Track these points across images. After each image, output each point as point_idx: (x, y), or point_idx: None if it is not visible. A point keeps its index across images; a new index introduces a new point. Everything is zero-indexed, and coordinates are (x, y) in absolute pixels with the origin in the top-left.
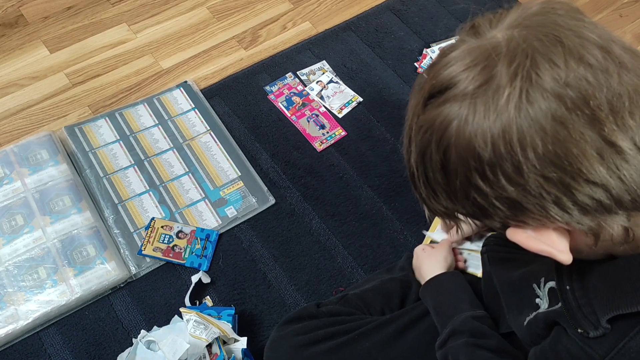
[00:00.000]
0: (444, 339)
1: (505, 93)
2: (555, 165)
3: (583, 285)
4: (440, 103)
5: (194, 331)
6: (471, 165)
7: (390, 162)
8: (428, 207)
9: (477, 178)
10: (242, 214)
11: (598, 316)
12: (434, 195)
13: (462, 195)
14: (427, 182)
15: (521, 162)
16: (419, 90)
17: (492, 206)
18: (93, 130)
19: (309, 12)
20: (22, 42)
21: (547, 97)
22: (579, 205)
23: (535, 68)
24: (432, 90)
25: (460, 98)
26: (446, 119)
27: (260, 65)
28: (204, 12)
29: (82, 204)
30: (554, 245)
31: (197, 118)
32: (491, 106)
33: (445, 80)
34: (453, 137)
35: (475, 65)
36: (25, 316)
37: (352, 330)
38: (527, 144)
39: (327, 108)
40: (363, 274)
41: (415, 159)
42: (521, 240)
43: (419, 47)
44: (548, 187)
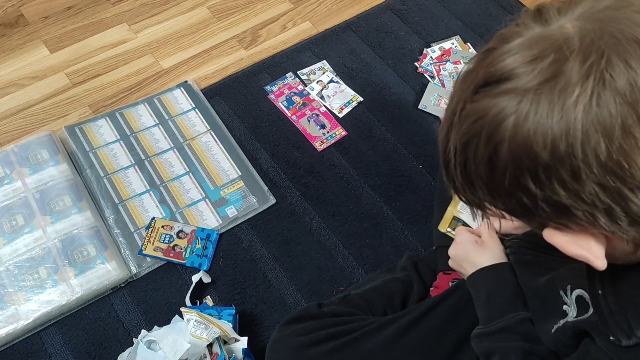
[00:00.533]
0: (492, 331)
1: (575, 93)
2: (615, 174)
3: (615, 291)
4: (497, 94)
5: (195, 331)
6: (524, 165)
7: (391, 161)
8: (459, 195)
9: (528, 179)
10: (242, 214)
11: (631, 324)
12: (470, 187)
13: (506, 193)
14: (465, 172)
15: (580, 167)
16: (471, 74)
17: (537, 207)
18: (93, 130)
19: (309, 12)
20: (22, 42)
21: (619, 102)
22: (631, 217)
23: (610, 69)
24: (488, 78)
25: (521, 92)
26: (502, 112)
27: (260, 65)
28: (204, 11)
29: (83, 203)
30: (592, 250)
31: (197, 118)
32: (557, 105)
33: (504, 70)
34: (508, 132)
35: (542, 59)
36: (25, 316)
37: (354, 331)
38: (591, 149)
39: (328, 108)
40: (364, 273)
41: (455, 145)
42: (559, 243)
43: (419, 47)
44: (603, 196)
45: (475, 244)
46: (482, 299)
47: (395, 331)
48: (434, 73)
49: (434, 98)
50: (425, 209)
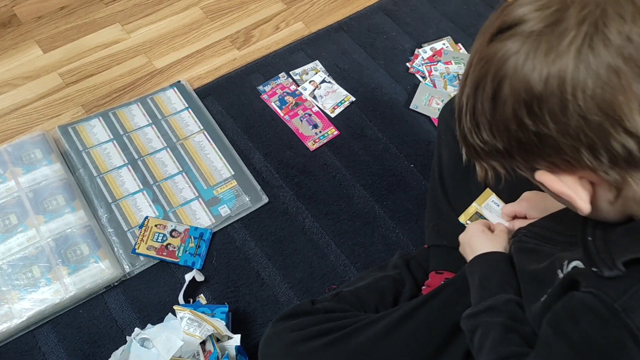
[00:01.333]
0: (479, 310)
1: (569, 35)
2: (599, 109)
3: (604, 238)
4: (506, 37)
5: (188, 329)
6: (521, 98)
7: (383, 161)
8: (467, 144)
9: (524, 110)
10: (235, 213)
11: (614, 259)
12: (476, 128)
13: (503, 127)
14: (473, 114)
15: (569, 100)
16: (488, 27)
17: (529, 142)
18: (87, 129)
19: (302, 13)
20: (15, 42)
21: (608, 45)
22: (611, 153)
23: (604, 18)
24: (502, 26)
25: (526, 34)
26: (508, 52)
27: (253, 65)
28: (198, 12)
29: (76, 203)
30: (577, 192)
31: (190, 118)
32: (554, 46)
33: (515, 17)
34: (511, 69)
35: (548, 7)
36: (19, 315)
37: (346, 327)
38: (579, 84)
39: (320, 107)
40: (356, 271)
41: (468, 92)
42: (547, 181)
43: (410, 47)
44: (587, 129)
45: (482, 233)
46: (475, 283)
47: (387, 326)
48: (425, 73)
49: (426, 98)
50: (416, 207)
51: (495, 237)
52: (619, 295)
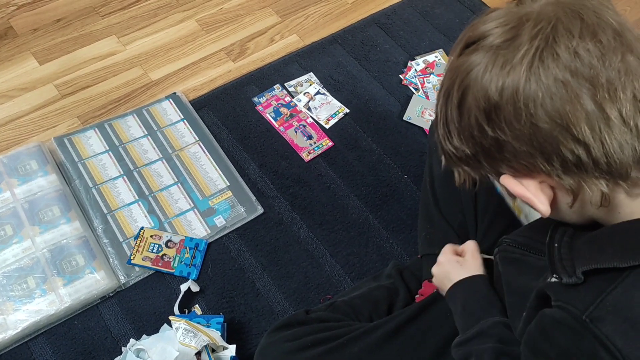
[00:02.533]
0: (467, 337)
1: (523, 49)
2: (549, 117)
3: (569, 245)
4: (472, 51)
5: (183, 339)
6: (481, 106)
7: (377, 171)
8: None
9: (484, 117)
10: (230, 224)
11: (575, 267)
12: (448, 135)
13: (468, 133)
14: (445, 122)
15: (521, 109)
16: (459, 41)
17: (491, 148)
18: (82, 141)
19: (296, 25)
20: (11, 53)
21: (556, 59)
22: (562, 159)
23: (554, 33)
24: (468, 41)
25: (487, 49)
26: (471, 64)
27: (248, 77)
28: (193, 24)
29: (71, 214)
30: (537, 195)
31: (186, 129)
32: (509, 60)
33: (480, 32)
34: (473, 80)
35: (507, 24)
36: (14, 326)
37: (341, 336)
38: (530, 95)
39: (315, 119)
40: (350, 281)
41: (441, 102)
42: (509, 184)
43: (403, 60)
44: (539, 136)
45: (456, 264)
46: (458, 311)
47: (381, 336)
48: (418, 85)
49: (419, 110)
50: (410, 218)
51: (469, 264)
52: (586, 307)
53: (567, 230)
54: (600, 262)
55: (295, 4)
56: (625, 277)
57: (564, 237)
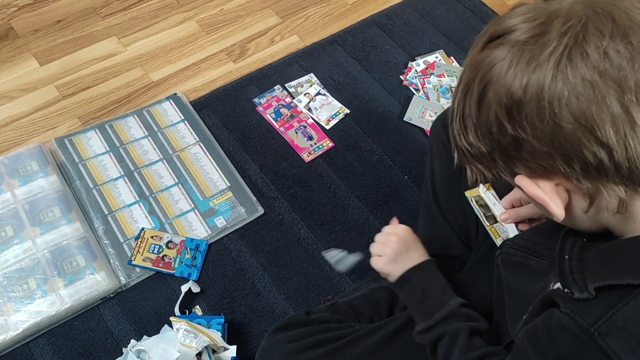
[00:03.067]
0: (437, 321)
1: (550, 47)
2: (573, 118)
3: (580, 258)
4: (495, 45)
5: (184, 340)
6: (503, 102)
7: (377, 172)
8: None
9: (505, 114)
10: (231, 224)
11: (587, 282)
12: (463, 131)
13: (487, 129)
14: (462, 117)
15: (545, 107)
16: (481, 36)
17: (509, 146)
18: (83, 141)
19: (297, 26)
20: (12, 54)
21: (585, 58)
22: (583, 161)
23: (584, 32)
24: (493, 35)
25: (512, 43)
26: (495, 59)
27: (248, 78)
28: (194, 25)
29: (72, 214)
30: (552, 197)
31: (186, 130)
32: (535, 56)
33: (506, 27)
34: (495, 75)
35: (535, 20)
36: (14, 327)
37: (342, 337)
38: (555, 93)
39: (315, 120)
40: (351, 282)
41: (459, 97)
42: (525, 185)
43: (404, 61)
44: (561, 136)
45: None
46: (417, 298)
47: (383, 337)
48: (418, 86)
49: (419, 110)
50: (410, 218)
51: (411, 246)
52: (595, 321)
53: (577, 241)
54: (613, 279)
55: (296, 4)
56: (637, 294)
57: (574, 248)
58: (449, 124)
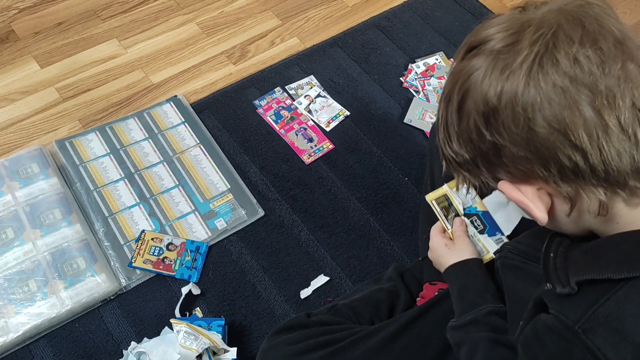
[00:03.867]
0: (463, 323)
1: (522, 54)
2: (547, 122)
3: (565, 256)
4: (473, 55)
5: (185, 342)
6: (480, 110)
7: (378, 174)
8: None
9: (482, 121)
10: (231, 226)
11: (569, 277)
12: (448, 139)
13: (467, 136)
14: (445, 126)
15: (519, 113)
16: (462, 47)
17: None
18: (83, 144)
19: (297, 28)
20: (12, 57)
21: (555, 64)
22: (559, 165)
23: (555, 40)
24: (471, 45)
25: (488, 53)
26: (472, 68)
27: (249, 80)
28: (194, 27)
29: (73, 217)
30: (534, 201)
31: (186, 132)
32: (508, 64)
33: (482, 37)
34: (472, 84)
35: (508, 30)
36: (15, 329)
37: (342, 339)
38: (528, 100)
39: (315, 122)
40: (351, 284)
41: (442, 105)
42: (507, 190)
43: (404, 62)
44: (536, 141)
45: (444, 247)
46: (455, 294)
47: (383, 339)
48: (418, 88)
49: (419, 112)
50: (410, 220)
51: (458, 247)
52: (578, 318)
53: (563, 241)
54: (594, 274)
55: (296, 7)
56: (618, 289)
57: (560, 247)
58: (436, 133)
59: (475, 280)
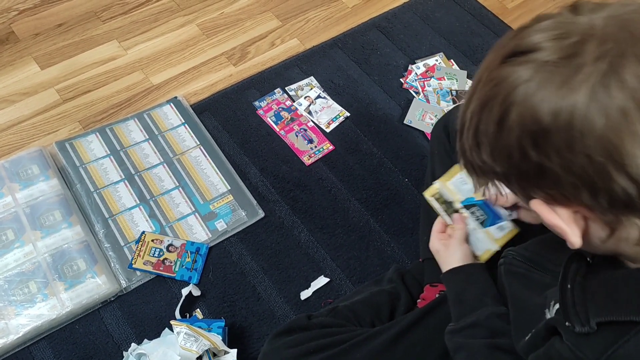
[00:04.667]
0: (462, 326)
1: (585, 71)
2: (605, 150)
3: (582, 288)
4: (519, 63)
5: (185, 343)
6: (528, 128)
7: (378, 175)
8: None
9: (529, 141)
10: (231, 228)
11: (589, 316)
12: (476, 147)
13: (505, 153)
14: (475, 133)
15: (576, 137)
16: (501, 47)
17: (530, 172)
18: (84, 145)
19: (297, 30)
20: (13, 58)
21: (621, 88)
22: (610, 196)
23: (622, 57)
24: (515, 50)
25: (540, 63)
26: (519, 78)
27: (249, 81)
28: (194, 29)
29: (73, 218)
30: (570, 226)
31: (187, 133)
32: (567, 80)
33: (530, 43)
34: (520, 97)
35: (565, 38)
36: (15, 330)
37: (343, 342)
38: (588, 123)
39: (315, 123)
40: (351, 285)
41: (473, 109)
42: (542, 212)
43: (404, 63)
44: (590, 169)
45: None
46: (452, 298)
47: (384, 342)
48: (418, 89)
49: (419, 113)
50: (411, 221)
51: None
52: (596, 357)
53: (580, 268)
54: (616, 315)
55: (296, 8)
56: (638, 331)
57: (577, 276)
58: (458, 133)
59: (474, 284)
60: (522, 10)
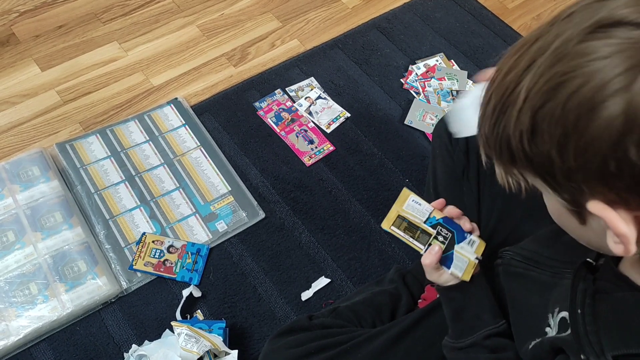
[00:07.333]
0: (462, 347)
1: None
2: None
3: (594, 312)
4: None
5: (186, 345)
6: (635, 124)
7: (378, 176)
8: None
9: (631, 143)
10: (232, 228)
11: (603, 348)
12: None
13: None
14: (534, 114)
15: None
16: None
17: (615, 173)
18: (84, 146)
19: (297, 30)
20: (13, 60)
21: None
22: None
23: None
24: (601, 22)
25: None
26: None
27: (249, 82)
28: (194, 30)
29: (73, 219)
30: (631, 229)
31: (187, 134)
32: None
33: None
34: (634, 90)
35: None
36: (16, 332)
37: (344, 342)
38: None
39: (316, 123)
40: (352, 286)
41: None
42: (609, 217)
43: (404, 64)
44: None
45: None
46: (449, 315)
47: (385, 342)
48: (419, 89)
49: (420, 113)
50: None
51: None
52: None
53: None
54: (633, 348)
55: (296, 9)
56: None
57: (586, 298)
58: (497, 110)
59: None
60: (523, 10)
